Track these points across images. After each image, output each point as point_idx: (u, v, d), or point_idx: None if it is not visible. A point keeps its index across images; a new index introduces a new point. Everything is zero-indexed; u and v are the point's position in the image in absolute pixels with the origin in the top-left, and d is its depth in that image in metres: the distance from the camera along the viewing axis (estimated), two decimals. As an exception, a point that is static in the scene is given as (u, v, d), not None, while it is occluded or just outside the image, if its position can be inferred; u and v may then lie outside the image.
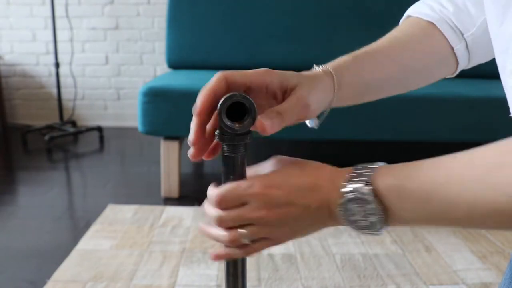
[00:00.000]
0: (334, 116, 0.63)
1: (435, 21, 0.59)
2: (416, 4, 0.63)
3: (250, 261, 1.39)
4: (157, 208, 1.77)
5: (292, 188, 0.43)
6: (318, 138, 2.15)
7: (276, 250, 1.47)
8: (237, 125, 0.42)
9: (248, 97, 0.42)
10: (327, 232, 1.60)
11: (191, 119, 0.45)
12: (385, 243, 1.53)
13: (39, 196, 1.92)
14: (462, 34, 0.59)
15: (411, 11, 0.63)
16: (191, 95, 2.15)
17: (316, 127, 0.53)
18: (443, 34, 0.59)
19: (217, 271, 1.33)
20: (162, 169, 1.89)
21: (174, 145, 1.88)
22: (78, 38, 3.13)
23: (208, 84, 0.44)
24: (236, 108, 0.42)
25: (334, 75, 0.52)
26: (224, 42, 2.44)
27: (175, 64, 2.47)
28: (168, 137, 1.87)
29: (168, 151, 1.88)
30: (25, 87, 3.22)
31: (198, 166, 2.44)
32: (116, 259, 1.39)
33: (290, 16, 2.44)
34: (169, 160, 1.88)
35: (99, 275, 1.29)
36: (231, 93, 0.42)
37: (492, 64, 0.75)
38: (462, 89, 1.91)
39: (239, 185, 0.44)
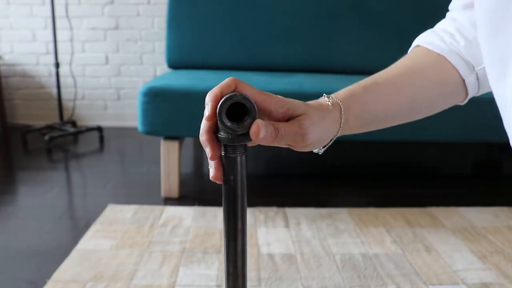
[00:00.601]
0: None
1: (446, 54, 0.59)
2: (426, 33, 0.63)
3: (250, 261, 1.39)
4: (157, 208, 1.77)
5: None
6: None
7: (276, 250, 1.47)
8: (236, 125, 0.42)
9: (248, 98, 0.42)
10: (327, 232, 1.60)
11: (191, 119, 0.45)
12: (385, 243, 1.53)
13: (39, 196, 1.92)
14: (474, 67, 0.59)
15: (421, 40, 0.62)
16: (191, 95, 2.17)
17: (320, 153, 0.54)
18: (454, 67, 0.59)
19: (217, 271, 1.33)
20: (162, 169, 1.89)
21: (174, 145, 1.88)
22: (78, 38, 3.13)
23: (218, 85, 0.44)
24: (237, 109, 0.42)
25: (342, 108, 0.52)
26: (224, 42, 2.44)
27: (175, 64, 2.47)
28: (168, 137, 1.87)
29: (168, 151, 1.88)
30: (25, 87, 3.22)
31: (198, 166, 2.45)
32: (116, 259, 1.39)
33: (290, 16, 2.44)
34: (169, 160, 1.88)
35: (99, 275, 1.29)
36: (231, 94, 0.42)
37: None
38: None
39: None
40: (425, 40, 0.62)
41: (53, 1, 2.75)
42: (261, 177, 2.26)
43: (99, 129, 2.92)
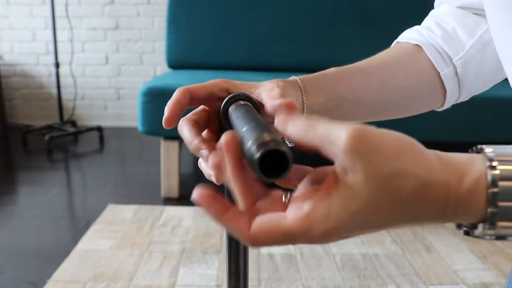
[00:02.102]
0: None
1: (422, 44, 0.57)
2: (406, 31, 0.62)
3: (251, 261, 1.39)
4: (157, 208, 1.77)
5: (363, 230, 0.28)
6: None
7: (276, 250, 1.47)
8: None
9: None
10: (327, 232, 1.60)
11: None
12: (385, 243, 1.53)
13: (39, 196, 1.92)
14: (451, 59, 0.57)
15: (400, 37, 0.62)
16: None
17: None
18: (429, 58, 0.57)
19: (217, 271, 1.33)
20: (162, 169, 1.89)
21: (174, 145, 1.88)
22: (78, 38, 3.13)
23: (173, 97, 0.45)
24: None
25: (298, 80, 0.49)
26: (224, 42, 2.44)
27: (175, 64, 2.47)
28: (168, 137, 1.87)
29: (168, 151, 1.88)
30: (25, 87, 3.22)
31: (198, 166, 2.44)
32: (116, 259, 1.39)
33: (290, 16, 2.44)
34: (169, 160, 1.88)
35: (99, 275, 1.29)
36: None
37: (492, 64, 0.75)
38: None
39: (276, 229, 0.28)
40: (403, 35, 0.61)
41: (53, 1, 2.75)
42: (261, 177, 2.25)
43: (99, 129, 2.92)
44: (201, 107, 0.46)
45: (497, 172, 0.27)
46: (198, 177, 2.32)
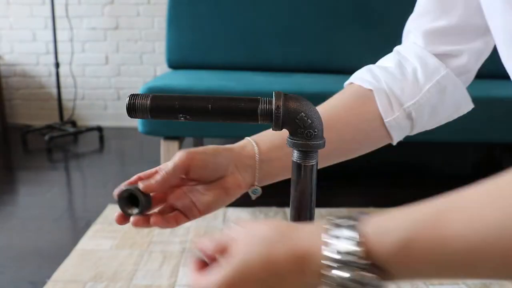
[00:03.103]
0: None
1: (374, 89, 0.58)
2: (362, 69, 0.62)
3: (250, 261, 1.39)
4: (157, 208, 1.77)
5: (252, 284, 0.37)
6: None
7: (276, 250, 1.46)
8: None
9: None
10: (327, 232, 1.60)
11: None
12: (385, 243, 1.52)
13: (39, 196, 1.92)
14: (401, 105, 0.57)
15: (354, 76, 0.62)
16: (191, 95, 2.10)
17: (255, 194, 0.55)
18: (376, 106, 0.57)
19: (217, 271, 1.33)
20: (162, 169, 1.89)
21: (174, 145, 1.87)
22: (78, 38, 3.13)
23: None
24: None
25: (252, 141, 0.54)
26: (224, 42, 2.44)
27: (175, 64, 2.47)
28: (168, 137, 1.86)
29: (168, 151, 1.88)
30: (25, 87, 3.22)
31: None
32: (116, 259, 1.39)
33: (290, 16, 2.44)
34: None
35: (99, 275, 1.29)
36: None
37: (492, 64, 0.75)
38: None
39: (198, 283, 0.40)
40: (358, 75, 0.61)
41: (53, 1, 2.75)
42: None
43: (99, 129, 2.92)
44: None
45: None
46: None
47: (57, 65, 2.89)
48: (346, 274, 0.32)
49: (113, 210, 1.74)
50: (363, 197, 1.97)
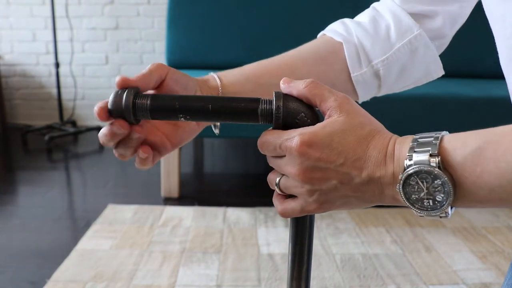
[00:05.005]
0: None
1: (344, 42, 0.57)
2: (337, 22, 0.62)
3: (250, 261, 1.39)
4: (157, 208, 1.77)
5: (333, 153, 0.38)
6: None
7: (276, 250, 1.47)
8: None
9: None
10: (327, 232, 1.60)
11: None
12: (385, 243, 1.53)
13: (39, 196, 1.92)
14: (370, 62, 0.57)
15: (328, 28, 0.62)
16: (191, 95, 2.12)
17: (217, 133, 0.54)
18: (345, 58, 0.57)
19: (217, 271, 1.33)
20: (162, 169, 1.89)
21: (174, 145, 1.88)
22: (78, 38, 3.13)
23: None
24: None
25: (215, 75, 0.54)
26: (224, 42, 2.44)
27: (175, 64, 2.47)
28: (168, 137, 1.87)
29: (168, 151, 1.88)
30: (25, 87, 3.22)
31: (198, 166, 2.44)
32: (116, 259, 1.39)
33: (290, 16, 2.44)
34: (169, 160, 1.88)
35: (99, 275, 1.29)
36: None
37: (492, 64, 0.75)
38: (462, 89, 1.91)
39: (280, 135, 0.41)
40: (331, 28, 0.61)
41: (53, 1, 2.75)
42: (261, 177, 2.25)
43: (99, 129, 2.92)
44: None
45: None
46: (198, 177, 2.32)
47: (57, 65, 2.89)
48: (424, 157, 0.36)
49: (113, 210, 1.75)
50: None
